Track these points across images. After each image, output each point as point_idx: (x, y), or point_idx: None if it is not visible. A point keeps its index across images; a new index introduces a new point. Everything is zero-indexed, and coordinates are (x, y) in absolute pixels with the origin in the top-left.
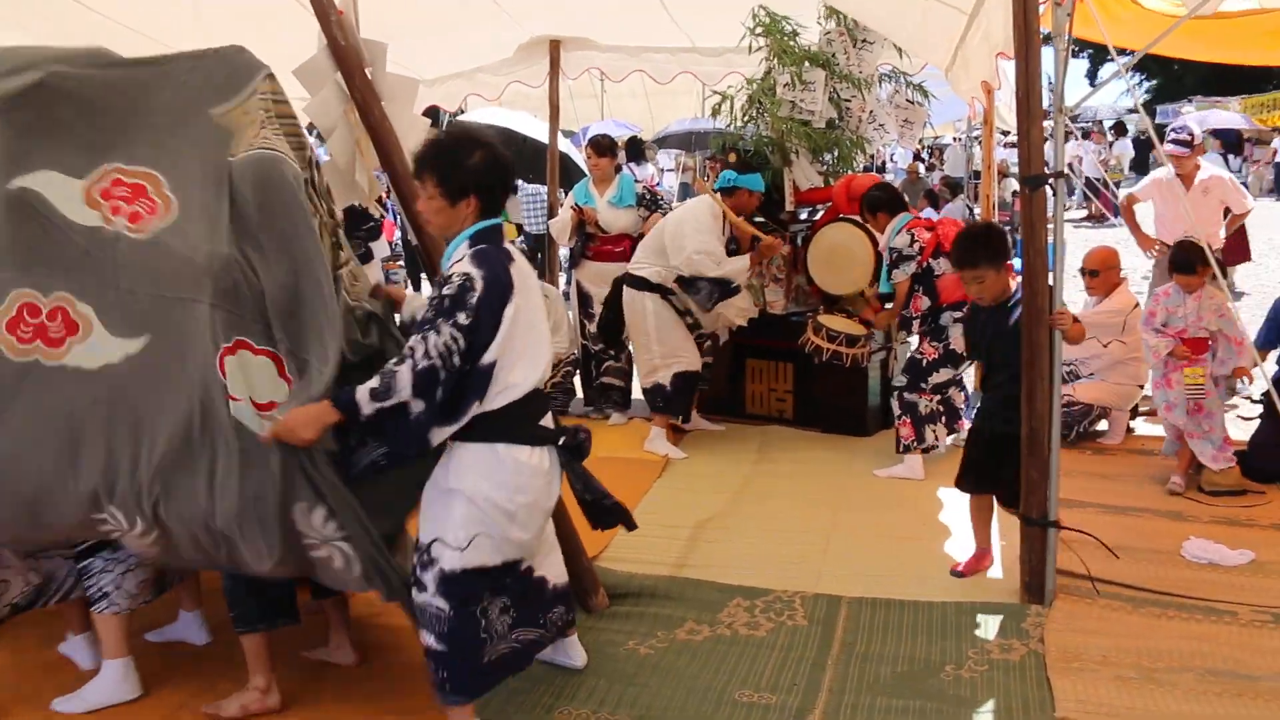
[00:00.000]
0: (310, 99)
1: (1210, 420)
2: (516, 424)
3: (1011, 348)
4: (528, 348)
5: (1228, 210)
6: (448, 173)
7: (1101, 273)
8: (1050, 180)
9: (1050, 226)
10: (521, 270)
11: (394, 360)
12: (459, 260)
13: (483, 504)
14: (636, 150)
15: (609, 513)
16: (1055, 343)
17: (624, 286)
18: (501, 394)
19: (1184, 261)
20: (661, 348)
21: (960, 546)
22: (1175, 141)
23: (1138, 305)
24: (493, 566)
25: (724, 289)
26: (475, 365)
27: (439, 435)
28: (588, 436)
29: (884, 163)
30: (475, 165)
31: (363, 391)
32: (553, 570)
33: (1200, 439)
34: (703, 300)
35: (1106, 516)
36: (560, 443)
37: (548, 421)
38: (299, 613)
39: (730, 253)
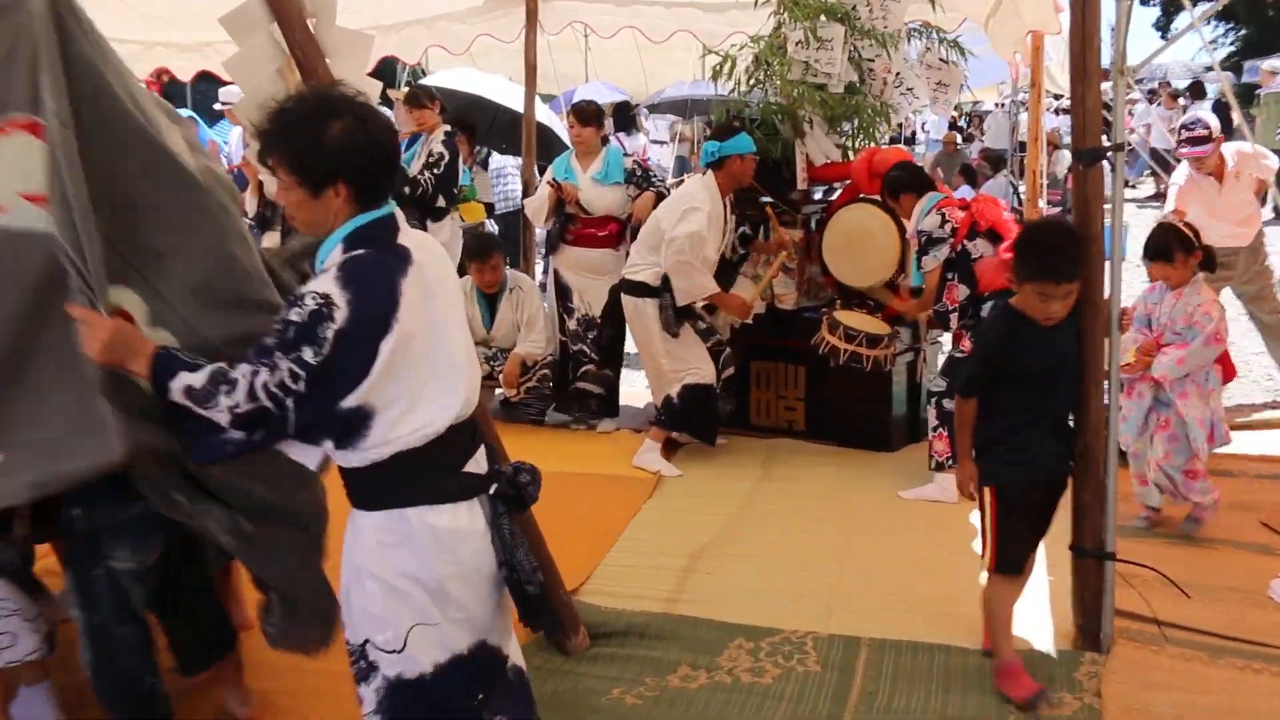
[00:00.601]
0: (235, 52)
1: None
2: (428, 477)
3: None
4: (432, 383)
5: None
6: (302, 154)
7: None
8: (1109, 154)
9: (1108, 207)
10: (424, 278)
11: (228, 369)
12: (323, 272)
13: (404, 585)
14: (625, 118)
15: (532, 606)
16: (1114, 343)
17: (622, 295)
18: (398, 442)
19: (1160, 246)
20: (671, 361)
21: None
22: (1189, 141)
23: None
24: (446, 664)
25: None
26: (332, 409)
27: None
28: (532, 479)
29: (914, 133)
30: (337, 141)
31: (185, 377)
32: (516, 651)
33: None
34: (669, 321)
35: (1176, 548)
36: (493, 490)
37: (477, 463)
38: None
39: (735, 261)
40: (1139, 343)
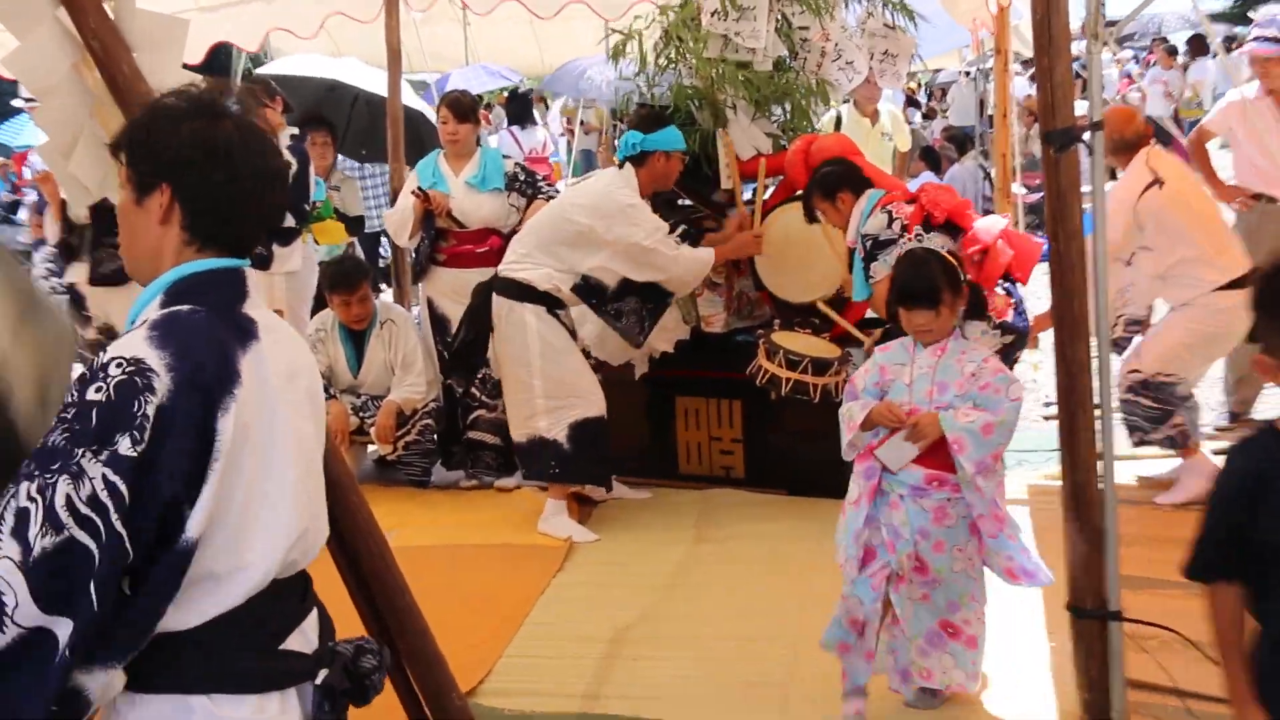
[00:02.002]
0: (17, 47)
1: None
2: (230, 652)
3: None
4: (262, 513)
5: None
6: (137, 140)
7: None
8: (1085, 135)
9: (1087, 198)
10: (265, 370)
11: None
12: (128, 332)
13: None
14: (522, 109)
15: None
16: (1104, 360)
17: (493, 294)
18: (211, 595)
19: (923, 283)
20: (546, 384)
21: (986, 657)
22: (1262, 39)
23: None
24: None
25: (657, 304)
26: (170, 547)
27: (105, 688)
28: (378, 664)
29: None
30: (181, 138)
31: None
32: None
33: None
34: (630, 329)
35: (1196, 600)
36: (321, 679)
37: (303, 637)
38: None
39: None
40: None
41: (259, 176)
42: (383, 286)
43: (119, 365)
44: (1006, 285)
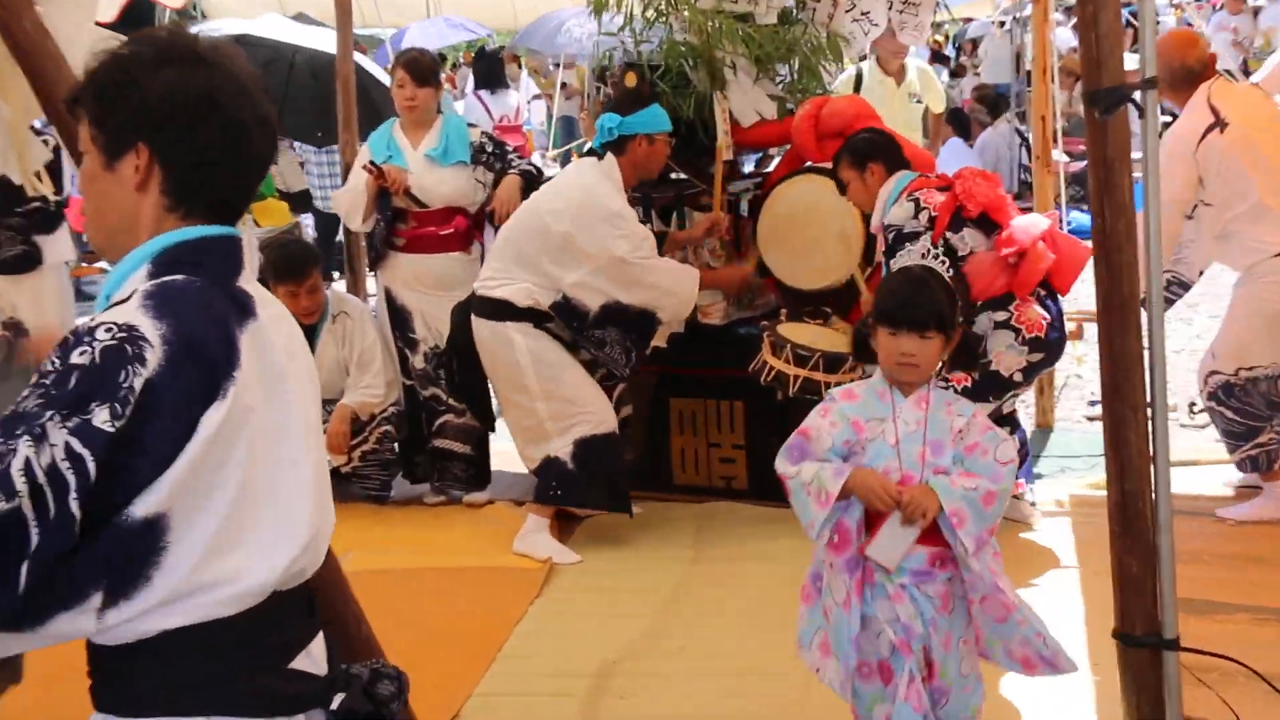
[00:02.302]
0: None
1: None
2: (233, 672)
3: None
4: (266, 511)
5: None
6: (104, 97)
7: None
8: (1135, 94)
9: (1139, 165)
10: (269, 347)
11: None
12: (120, 300)
13: None
14: (491, 69)
15: None
16: (1155, 353)
17: (473, 318)
18: (194, 603)
19: (916, 305)
20: (550, 405)
21: (1018, 686)
22: None
23: None
24: None
25: (641, 335)
26: (116, 519)
27: (16, 645)
28: (398, 690)
29: None
30: (155, 89)
31: None
32: None
33: None
34: (614, 359)
35: (1263, 627)
36: (336, 704)
37: (311, 658)
38: None
39: None
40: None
41: (250, 128)
42: (335, 274)
43: (109, 330)
44: (1044, 296)
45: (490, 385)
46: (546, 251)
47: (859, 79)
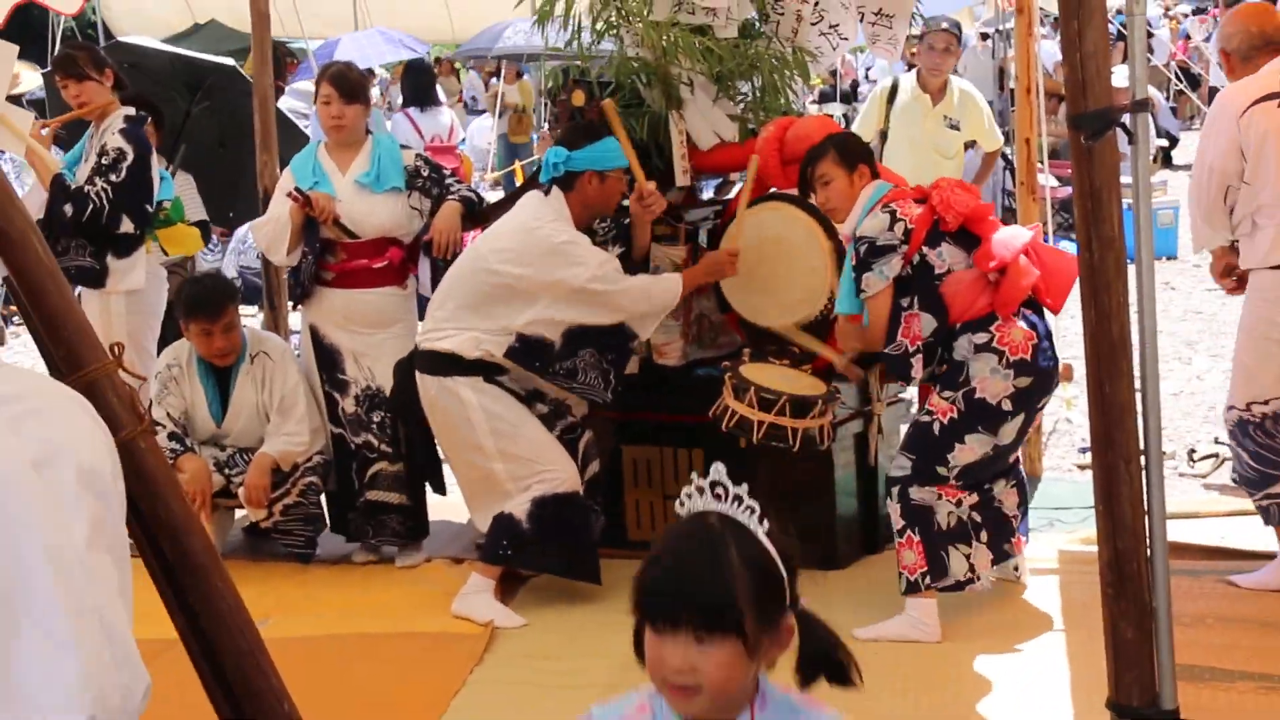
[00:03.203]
0: None
1: None
2: None
3: None
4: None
5: None
6: None
7: None
8: (1123, 118)
9: (1128, 191)
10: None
11: None
12: None
13: None
14: (421, 86)
15: None
16: (1149, 395)
17: (418, 375)
18: None
19: (678, 596)
20: (509, 465)
21: None
22: None
23: None
24: None
25: (619, 352)
26: None
27: None
28: None
29: (854, 84)
30: None
31: None
32: None
33: None
34: (593, 387)
35: (1272, 697)
36: None
37: None
38: None
39: None
40: None
41: None
42: (253, 310)
43: None
44: (1031, 315)
45: (438, 445)
46: (495, 297)
47: (893, 92)
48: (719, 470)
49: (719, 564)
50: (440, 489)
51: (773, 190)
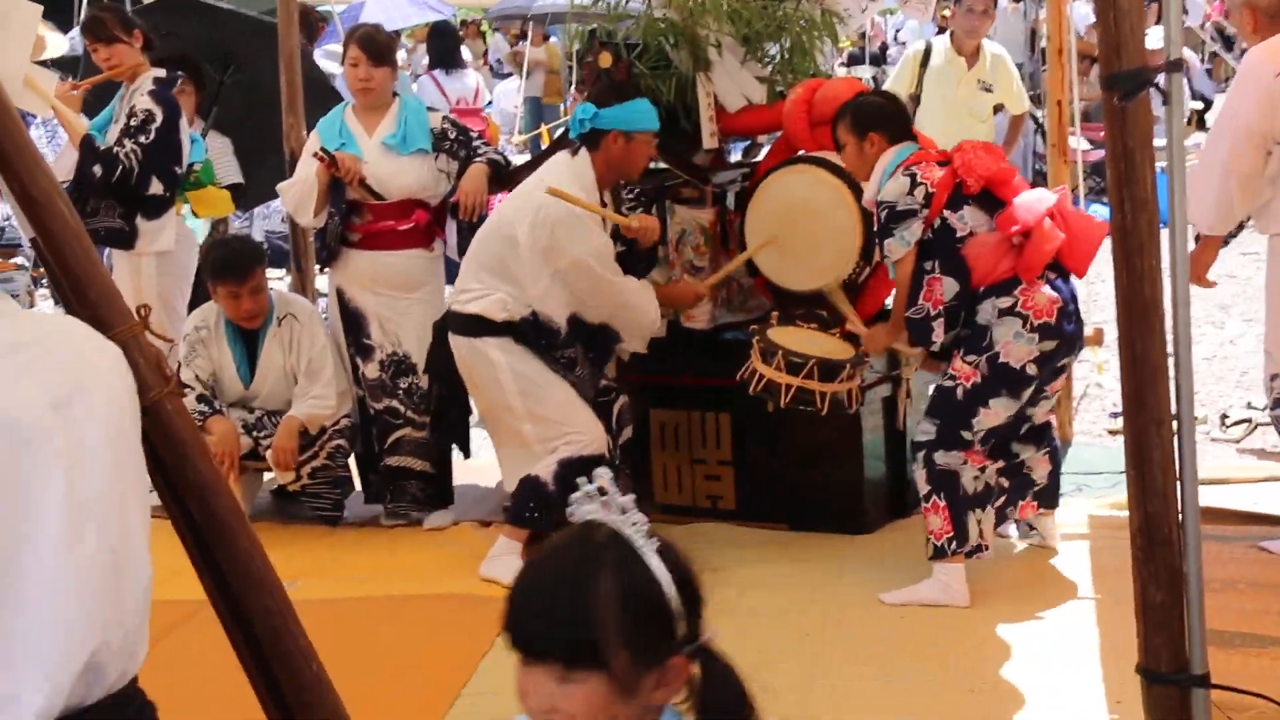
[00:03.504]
0: None
1: None
2: None
3: None
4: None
5: None
6: None
7: None
8: (1157, 78)
9: (1162, 154)
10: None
11: None
12: None
13: None
14: (447, 49)
15: None
16: (1181, 362)
17: (451, 337)
18: None
19: (533, 624)
20: (537, 426)
21: None
22: None
23: None
24: None
25: (600, 353)
26: None
27: None
28: None
29: (884, 46)
30: None
31: None
32: None
33: None
34: (584, 382)
35: None
36: None
37: None
38: None
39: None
40: None
41: None
42: (280, 272)
43: None
44: (1055, 279)
45: (474, 405)
46: (515, 259)
47: (926, 55)
48: (602, 475)
49: (587, 591)
50: (466, 452)
51: (800, 153)
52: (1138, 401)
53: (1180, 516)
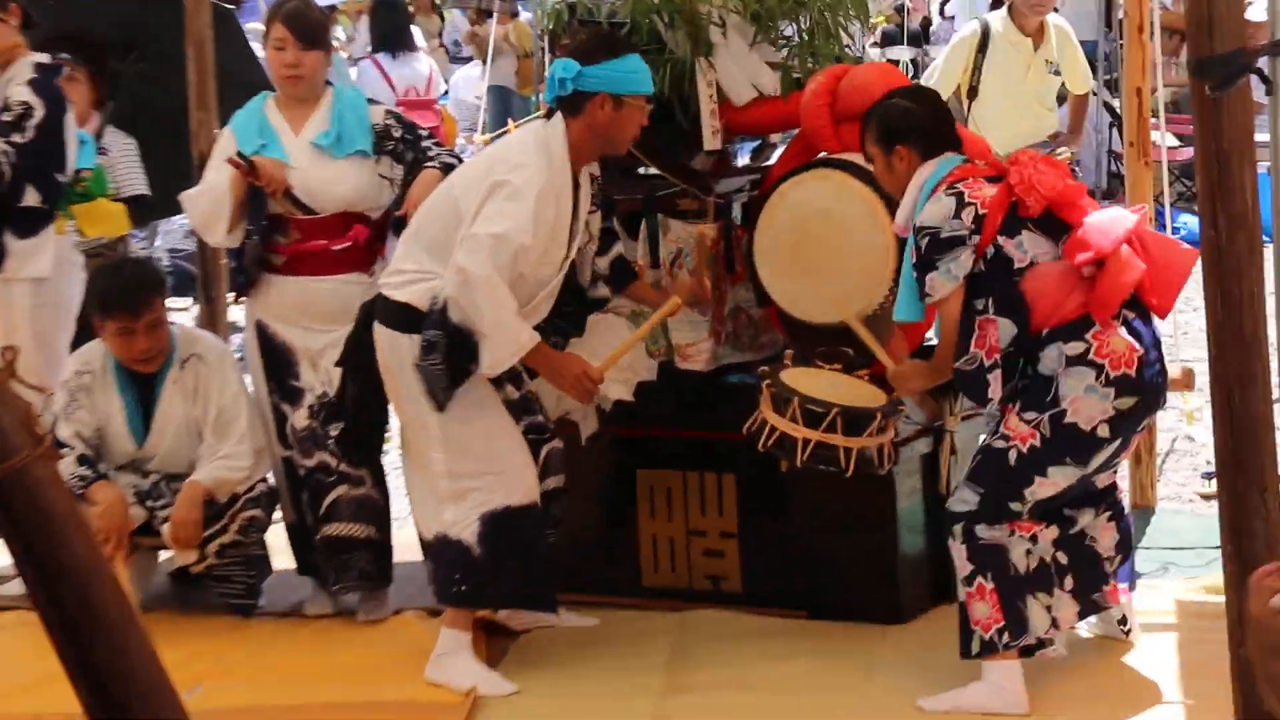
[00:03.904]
0: None
1: None
2: None
3: None
4: None
5: None
6: None
7: None
8: (1260, 63)
9: (1265, 153)
10: None
11: None
12: None
13: None
14: (394, 27)
15: None
16: None
17: (375, 325)
18: None
19: None
20: (449, 454)
21: None
22: None
23: None
24: None
25: (461, 359)
26: None
27: None
28: None
29: (925, 22)
30: None
31: None
32: None
33: None
34: (434, 373)
35: None
36: None
37: None
38: None
39: (592, 291)
40: None
41: None
42: (185, 302)
43: None
44: (1134, 319)
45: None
46: (449, 242)
47: (984, 37)
48: None
49: None
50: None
51: (822, 155)
52: (1236, 462)
53: None
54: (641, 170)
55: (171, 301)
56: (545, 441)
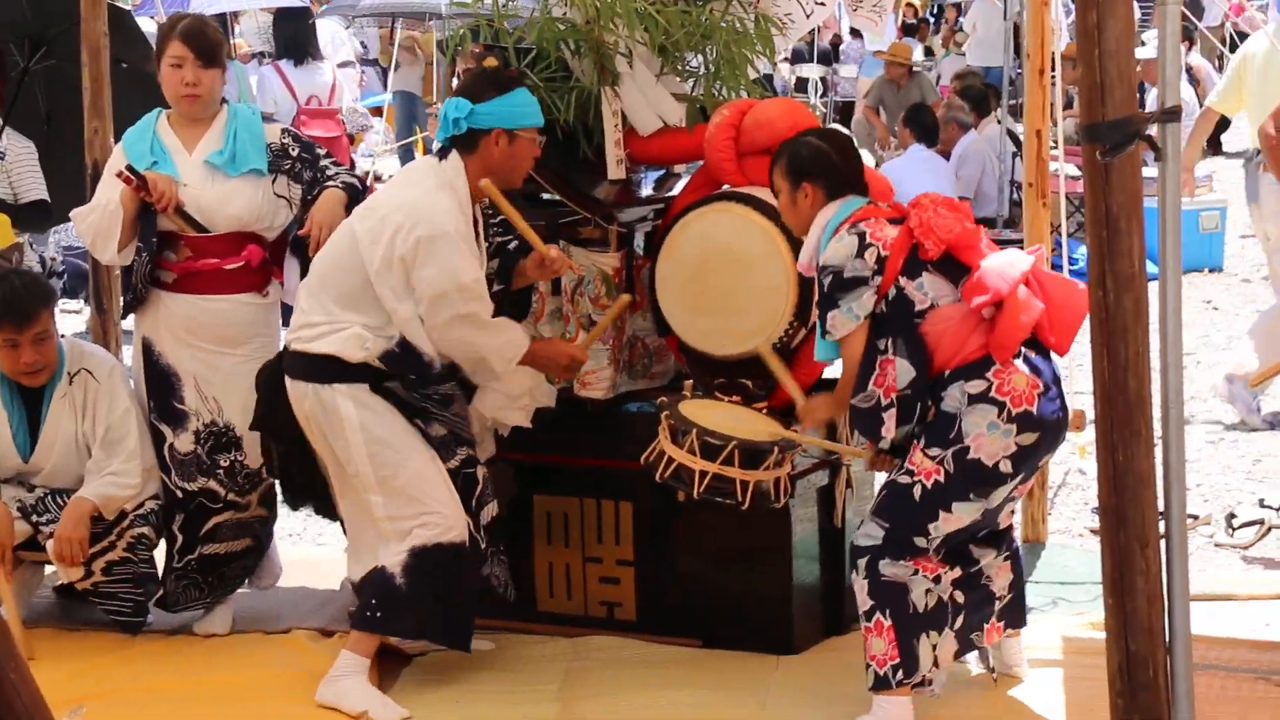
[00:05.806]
0: None
1: None
2: None
3: None
4: None
5: None
6: None
7: None
8: (1147, 129)
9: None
10: None
11: None
12: None
13: None
14: (297, 35)
15: None
16: (1175, 469)
17: (288, 382)
18: None
19: None
20: (388, 498)
21: None
22: None
23: None
24: None
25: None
26: None
27: None
28: None
29: (836, 41)
30: None
31: None
32: None
33: None
34: (462, 417)
35: None
36: None
37: None
38: None
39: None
40: None
41: None
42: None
43: None
44: (1034, 357)
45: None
46: (374, 281)
47: None
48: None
49: None
50: (332, 514)
51: (725, 188)
52: (1118, 517)
53: (1168, 659)
54: (545, 196)
55: (64, 302)
56: (476, 473)
